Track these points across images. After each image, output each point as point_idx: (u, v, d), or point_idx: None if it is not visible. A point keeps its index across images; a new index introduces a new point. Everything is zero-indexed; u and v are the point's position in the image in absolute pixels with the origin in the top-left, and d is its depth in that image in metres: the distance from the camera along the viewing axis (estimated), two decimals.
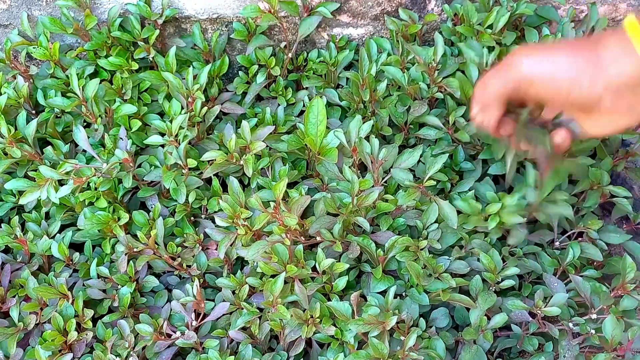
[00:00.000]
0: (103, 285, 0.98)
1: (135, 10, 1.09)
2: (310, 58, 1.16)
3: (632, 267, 0.91)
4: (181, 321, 0.95)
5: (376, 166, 0.95)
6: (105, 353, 0.90)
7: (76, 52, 1.10)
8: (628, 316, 0.91)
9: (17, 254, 1.03)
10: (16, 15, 1.12)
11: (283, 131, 1.06)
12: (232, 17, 1.13)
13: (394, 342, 0.89)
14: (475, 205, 0.93)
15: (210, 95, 1.11)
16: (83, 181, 0.95)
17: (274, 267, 0.91)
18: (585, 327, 0.90)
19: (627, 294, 0.91)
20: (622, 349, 0.87)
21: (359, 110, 1.08)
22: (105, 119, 1.07)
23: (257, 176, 0.99)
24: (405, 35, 1.10)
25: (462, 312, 0.97)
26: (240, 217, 0.91)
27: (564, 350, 0.91)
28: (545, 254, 1.00)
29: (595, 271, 0.98)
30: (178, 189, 0.99)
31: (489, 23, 1.05)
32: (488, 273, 0.92)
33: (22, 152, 1.01)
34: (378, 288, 0.93)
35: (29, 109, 1.10)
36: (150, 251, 0.96)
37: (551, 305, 0.90)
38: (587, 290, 0.93)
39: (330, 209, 0.93)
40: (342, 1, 1.11)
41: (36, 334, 0.95)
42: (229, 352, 0.91)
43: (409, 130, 1.07)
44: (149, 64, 1.14)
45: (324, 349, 0.94)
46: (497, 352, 0.97)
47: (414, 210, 0.98)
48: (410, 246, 0.92)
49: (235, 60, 1.18)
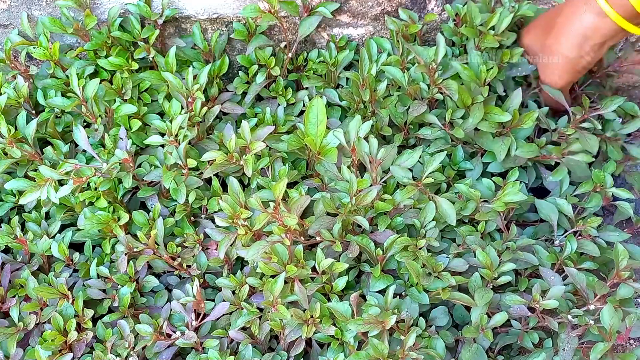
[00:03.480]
0: (103, 285, 0.98)
1: (135, 10, 1.09)
2: (310, 58, 1.16)
3: (624, 254, 0.92)
4: (181, 321, 0.95)
5: (374, 166, 0.95)
6: (105, 353, 0.90)
7: (76, 52, 1.10)
8: (625, 305, 0.91)
9: (17, 254, 1.04)
10: (16, 15, 1.12)
11: (283, 131, 1.06)
12: (232, 17, 1.13)
13: (393, 341, 0.89)
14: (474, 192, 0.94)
15: (210, 95, 1.11)
16: (83, 181, 0.95)
17: (273, 267, 0.91)
18: (583, 319, 0.90)
19: (622, 282, 0.91)
20: (620, 338, 0.87)
21: (359, 110, 1.08)
22: (105, 119, 1.07)
23: (257, 176, 0.99)
24: (405, 35, 1.10)
25: (461, 310, 0.97)
26: (240, 217, 0.91)
27: (563, 343, 0.91)
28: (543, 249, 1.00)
29: (591, 263, 0.98)
30: (178, 189, 0.99)
31: (491, 24, 1.05)
32: (485, 270, 0.92)
33: (22, 152, 1.01)
34: (377, 287, 0.93)
35: (29, 109, 1.10)
36: (150, 251, 0.96)
37: (549, 298, 0.90)
38: (582, 282, 0.93)
39: (329, 208, 0.93)
40: (342, 1, 1.11)
41: (36, 334, 0.95)
42: (229, 352, 0.91)
43: (409, 130, 1.07)
44: (149, 64, 1.14)
45: (324, 349, 0.94)
46: (497, 349, 0.97)
47: (412, 209, 0.98)
48: (409, 246, 0.92)
49: (235, 60, 1.18)
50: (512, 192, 0.94)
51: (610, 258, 0.97)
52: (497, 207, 0.95)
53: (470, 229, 0.98)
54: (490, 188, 1.01)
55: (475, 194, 0.95)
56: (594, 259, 1.00)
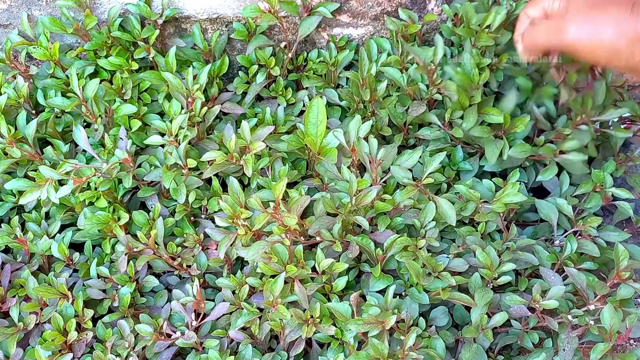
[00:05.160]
0: (103, 285, 0.98)
1: (135, 10, 1.09)
2: (310, 58, 1.16)
3: (625, 255, 0.92)
4: (181, 321, 0.95)
5: (374, 166, 0.95)
6: (105, 353, 0.90)
7: (76, 52, 1.10)
8: (625, 305, 0.91)
9: (17, 254, 1.04)
10: (16, 15, 1.12)
11: (283, 131, 1.06)
12: (232, 17, 1.13)
13: (393, 341, 0.90)
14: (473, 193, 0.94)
15: (210, 95, 1.11)
16: (83, 181, 0.95)
17: (273, 267, 0.91)
18: (584, 319, 0.91)
19: (623, 283, 0.91)
20: (620, 338, 0.87)
21: (359, 110, 1.08)
22: (105, 119, 1.07)
23: (257, 176, 1.00)
24: (405, 35, 1.10)
25: (461, 310, 0.97)
26: (240, 217, 0.91)
27: (563, 343, 0.91)
28: (543, 249, 1.00)
29: (591, 263, 0.98)
30: (178, 189, 0.99)
31: (487, 23, 1.05)
32: (485, 270, 0.92)
33: (22, 152, 1.01)
34: (377, 287, 0.93)
35: (29, 109, 1.10)
36: (150, 251, 0.96)
37: (549, 298, 0.90)
38: (582, 282, 0.93)
39: (329, 208, 0.93)
40: (342, 1, 1.11)
41: (36, 334, 0.95)
42: (229, 352, 0.91)
43: (408, 130, 1.07)
44: (149, 64, 1.14)
45: (324, 349, 0.94)
46: (497, 349, 0.97)
47: (412, 209, 0.98)
48: (409, 246, 0.92)
49: (235, 60, 1.18)
50: (511, 192, 0.94)
51: (610, 258, 0.97)
52: (497, 208, 0.95)
53: (470, 229, 0.98)
54: (490, 189, 1.01)
55: (475, 194, 0.95)
56: (594, 259, 1.00)
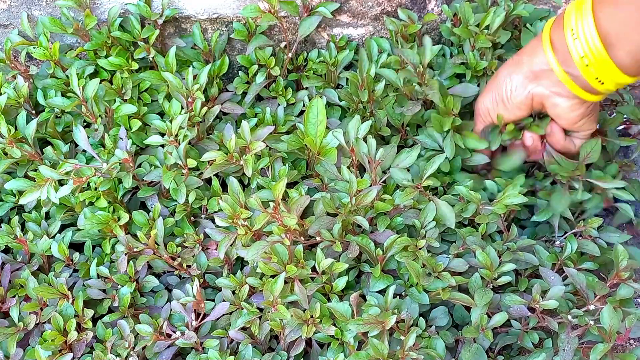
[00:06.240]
0: (103, 285, 0.98)
1: (135, 10, 1.09)
2: (310, 58, 1.16)
3: (624, 255, 0.91)
4: (181, 321, 0.95)
5: (373, 166, 0.95)
6: (105, 353, 0.90)
7: (76, 52, 1.10)
8: (625, 305, 0.91)
9: (17, 254, 1.04)
10: (16, 15, 1.12)
11: (283, 131, 1.06)
12: (232, 17, 1.13)
13: (393, 341, 0.89)
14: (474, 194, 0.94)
15: (210, 95, 1.11)
16: (83, 181, 0.95)
17: (273, 267, 0.91)
18: (583, 319, 0.90)
19: (622, 283, 0.91)
20: (620, 338, 0.87)
21: (358, 110, 1.08)
22: (105, 119, 1.07)
23: (257, 176, 1.00)
24: (404, 35, 1.10)
25: (461, 310, 0.97)
26: (240, 217, 0.91)
27: (563, 344, 0.91)
28: (543, 249, 1.00)
29: (591, 263, 0.98)
30: (178, 189, 0.99)
31: (486, 24, 1.05)
32: (485, 270, 0.92)
33: (22, 152, 1.01)
34: (377, 287, 0.93)
35: (29, 109, 1.10)
36: (150, 251, 0.96)
37: (548, 298, 0.90)
38: (582, 282, 0.93)
39: (329, 208, 0.93)
40: (342, 1, 1.11)
41: (36, 334, 0.95)
42: (229, 352, 0.91)
43: (406, 132, 1.07)
44: (149, 64, 1.14)
45: (324, 349, 0.94)
46: (497, 349, 0.97)
47: (412, 209, 0.98)
48: (409, 246, 0.92)
49: (235, 60, 1.18)
50: (512, 194, 0.94)
51: (610, 258, 0.97)
52: (498, 209, 0.94)
53: (471, 230, 0.98)
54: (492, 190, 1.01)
55: (475, 196, 0.95)
56: (594, 259, 1.00)
